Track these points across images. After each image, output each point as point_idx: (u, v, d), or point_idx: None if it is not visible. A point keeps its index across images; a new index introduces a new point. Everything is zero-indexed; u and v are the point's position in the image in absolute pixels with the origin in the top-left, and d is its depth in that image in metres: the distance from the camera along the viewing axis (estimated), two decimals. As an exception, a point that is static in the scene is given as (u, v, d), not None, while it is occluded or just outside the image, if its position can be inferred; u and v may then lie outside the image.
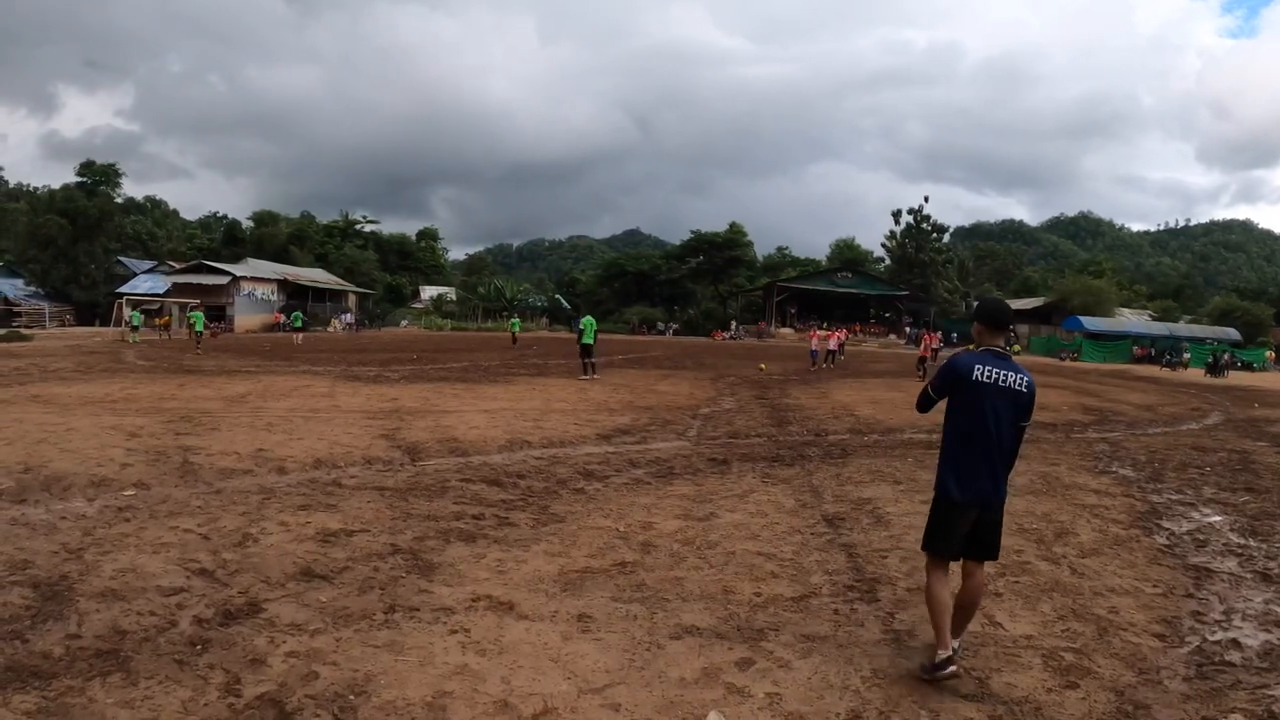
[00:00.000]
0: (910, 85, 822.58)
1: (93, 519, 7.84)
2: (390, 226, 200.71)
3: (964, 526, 5.05)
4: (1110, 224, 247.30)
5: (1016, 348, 71.60)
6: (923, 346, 41.39)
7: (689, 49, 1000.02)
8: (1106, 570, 7.23)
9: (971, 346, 5.30)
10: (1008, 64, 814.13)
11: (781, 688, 4.69)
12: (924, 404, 5.46)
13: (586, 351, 26.37)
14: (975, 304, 5.74)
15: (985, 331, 5.27)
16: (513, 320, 57.35)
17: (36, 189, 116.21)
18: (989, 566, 5.65)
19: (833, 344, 38.66)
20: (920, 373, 39.34)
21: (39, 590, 5.92)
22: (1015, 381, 5.03)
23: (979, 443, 5.01)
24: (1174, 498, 10.53)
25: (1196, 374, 48.08)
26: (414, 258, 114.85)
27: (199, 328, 38.89)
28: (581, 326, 27.77)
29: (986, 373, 5.01)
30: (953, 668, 4.75)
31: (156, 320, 57.31)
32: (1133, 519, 9.26)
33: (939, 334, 46.71)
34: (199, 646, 5.03)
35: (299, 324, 52.71)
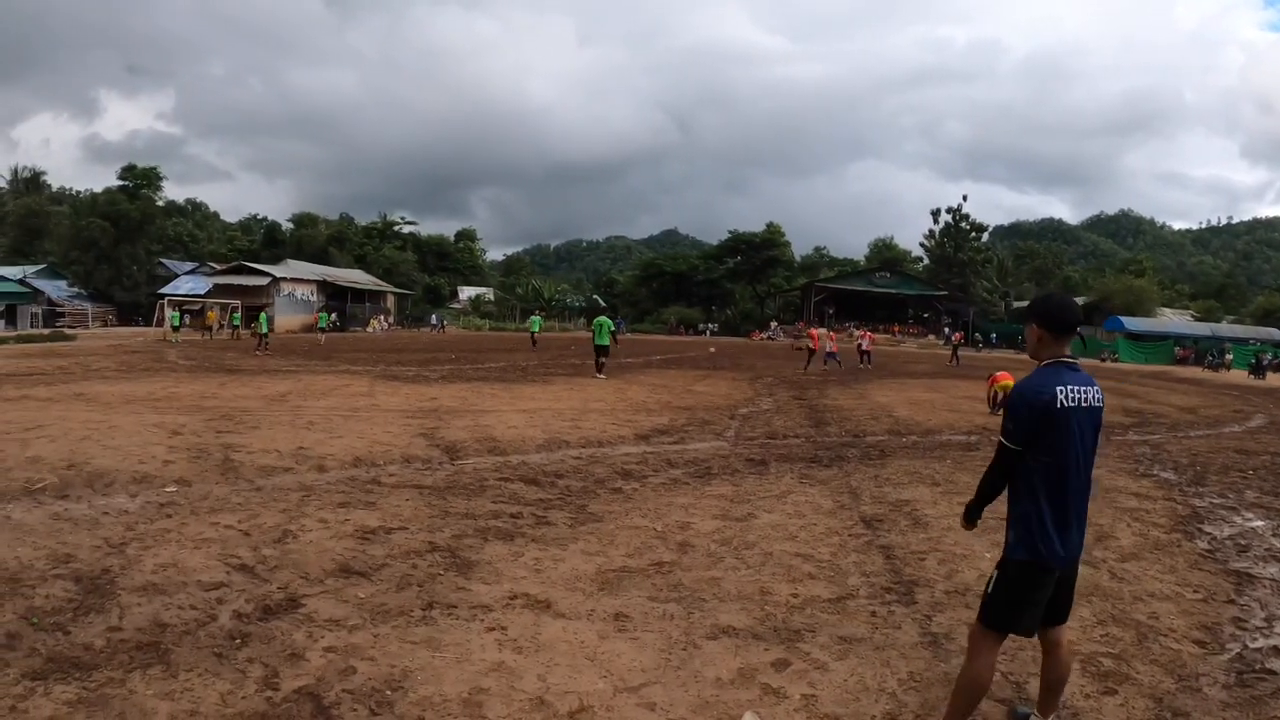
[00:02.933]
0: (950, 83, 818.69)
1: (135, 514, 7.93)
2: (429, 227, 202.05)
3: (1046, 596, 4.10)
4: (1151, 222, 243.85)
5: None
6: (956, 338, 42.57)
7: (728, 48, 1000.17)
8: (1147, 575, 7.14)
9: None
10: (1048, 60, 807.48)
11: (817, 689, 4.66)
12: (1001, 467, 4.18)
13: (602, 351, 26.43)
14: (1037, 301, 4.36)
15: (1049, 338, 4.15)
16: (532, 318, 56.83)
17: (79, 192, 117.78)
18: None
19: (865, 343, 38.51)
20: (954, 363, 39.36)
21: (81, 583, 6.01)
22: (1094, 398, 4.09)
23: (1072, 485, 4.02)
24: (1216, 502, 10.36)
25: (1239, 375, 47.42)
26: (452, 258, 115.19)
27: (263, 329, 38.83)
28: (593, 327, 27.83)
29: (1070, 395, 3.98)
30: None
31: (201, 320, 57.66)
32: (1174, 523, 9.12)
33: (961, 334, 47.26)
34: (238, 641, 5.08)
35: (322, 324, 53.02)
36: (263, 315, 39.91)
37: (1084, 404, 4.00)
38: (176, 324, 48.53)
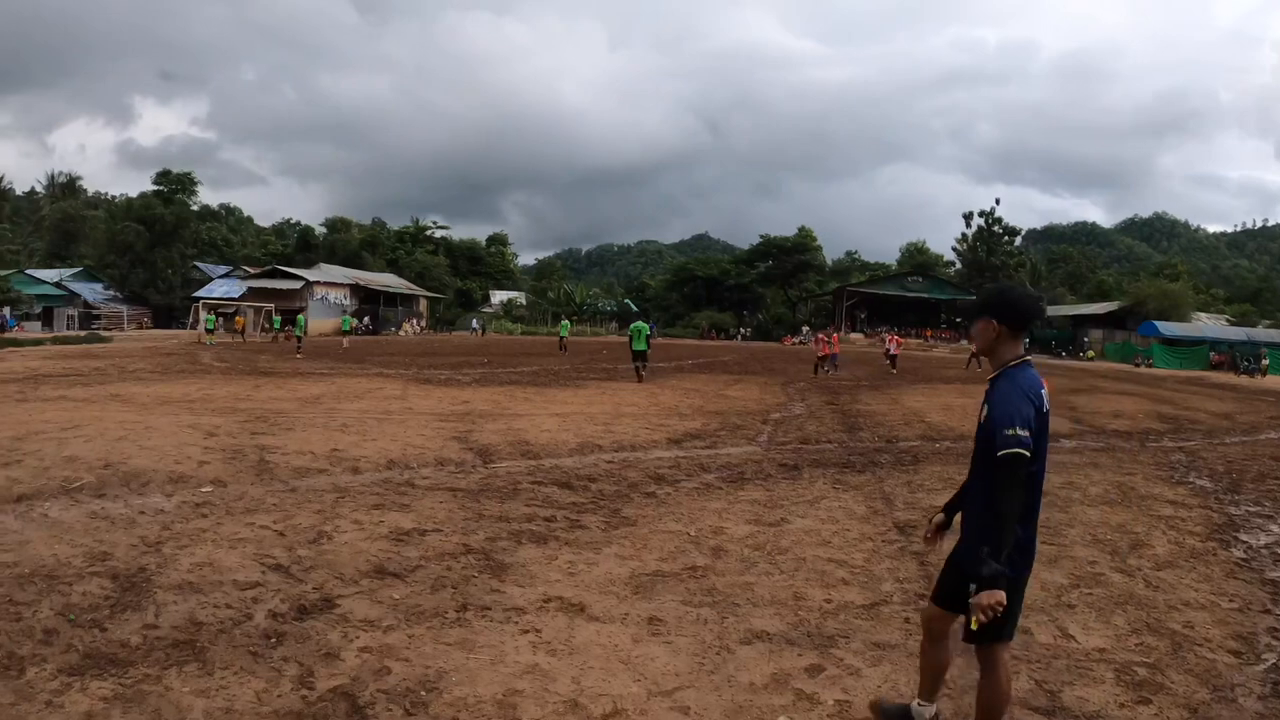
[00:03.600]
0: (982, 85, 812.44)
1: (171, 514, 7.98)
2: (462, 231, 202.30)
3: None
4: (1186, 225, 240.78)
5: (1091, 354, 70.23)
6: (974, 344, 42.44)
7: (759, 51, 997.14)
8: (1182, 583, 7.04)
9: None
10: (1081, 61, 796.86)
11: (851, 695, 4.63)
12: (1018, 483, 3.61)
13: (639, 356, 26.45)
14: (994, 294, 4.04)
15: (1008, 334, 3.87)
16: (562, 322, 56.78)
17: (114, 197, 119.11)
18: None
19: (893, 348, 38.43)
20: (974, 366, 39.35)
21: (118, 581, 6.05)
22: (1046, 399, 3.86)
23: (1038, 492, 3.85)
24: (1252, 510, 10.23)
25: (1276, 381, 46.89)
26: (484, 263, 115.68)
27: (298, 331, 39.00)
28: (630, 331, 27.72)
29: (1042, 401, 3.79)
30: None
31: (235, 321, 58.00)
32: (1209, 531, 9.00)
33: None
34: (273, 640, 5.10)
35: (345, 327, 53.15)
36: (300, 318, 40.08)
37: (1046, 406, 3.83)
38: (210, 326, 48.73)
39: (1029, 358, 3.89)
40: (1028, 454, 3.57)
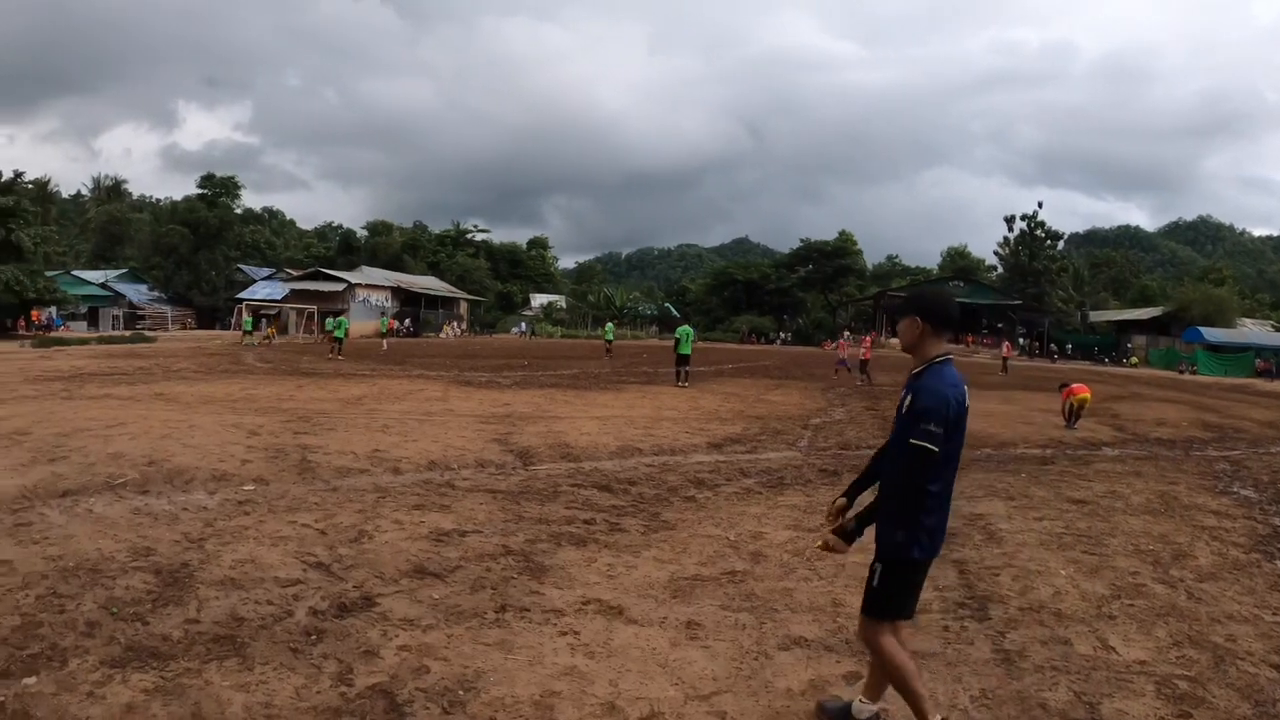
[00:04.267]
0: (1023, 86, 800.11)
1: (213, 511, 8.06)
2: (502, 235, 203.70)
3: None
4: (1231, 228, 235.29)
5: (1134, 360, 69.41)
6: (1005, 349, 43.20)
7: (799, 55, 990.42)
8: (1225, 595, 6.91)
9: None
10: (1123, 62, 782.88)
11: (888, 703, 4.58)
12: (924, 474, 3.90)
13: (683, 360, 26.40)
14: (918, 294, 4.30)
15: (930, 332, 4.13)
16: (607, 326, 56.57)
17: (159, 200, 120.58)
18: None
19: None
20: (1004, 373, 39.36)
21: (160, 576, 6.12)
22: (966, 394, 4.10)
23: (951, 481, 4.10)
24: (1299, 521, 10.07)
25: (1325, 390, 46.18)
26: (524, 266, 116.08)
27: (339, 334, 38.37)
28: (677, 336, 27.65)
29: (964, 396, 4.05)
30: None
31: (269, 328, 58.25)
32: (1254, 542, 8.83)
33: (1010, 344, 47.58)
34: (314, 636, 5.13)
35: (381, 327, 53.20)
36: (342, 320, 40.10)
37: (966, 402, 4.05)
38: (249, 328, 49.00)
39: (950, 356, 4.12)
40: (935, 450, 3.83)
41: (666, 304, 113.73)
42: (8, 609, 5.41)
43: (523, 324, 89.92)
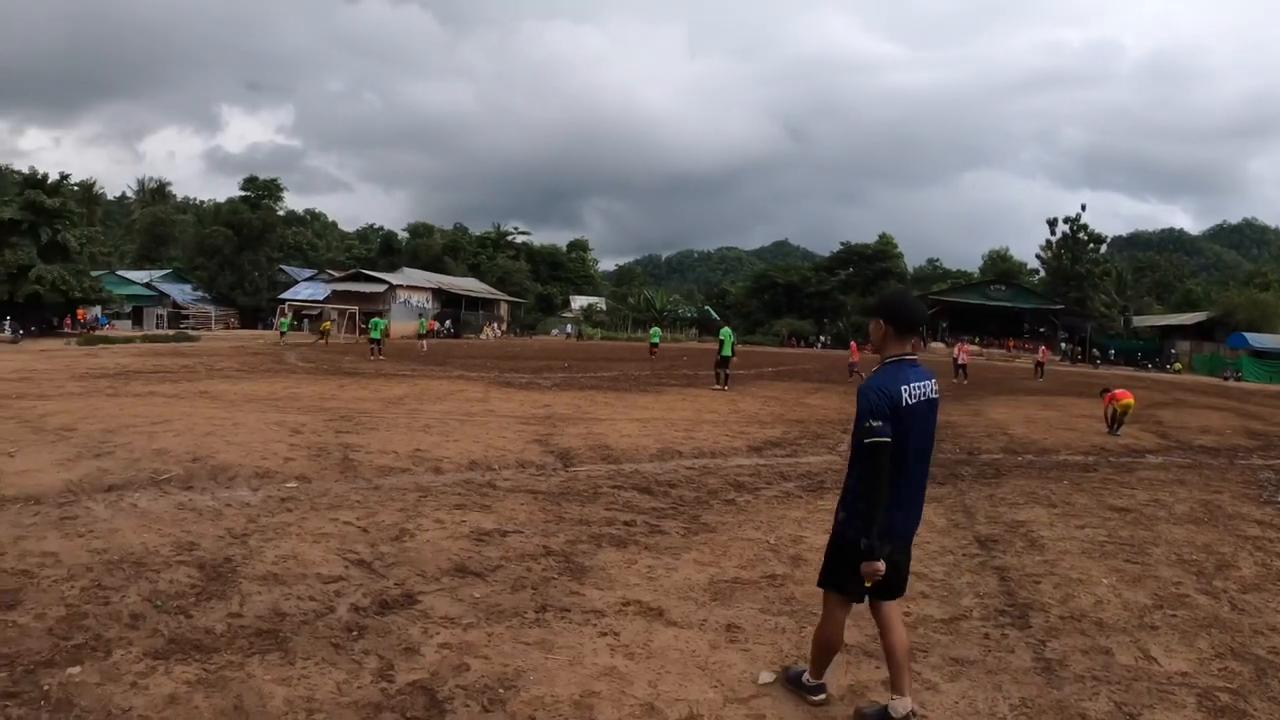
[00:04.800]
0: (1067, 87, 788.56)
1: (256, 507, 8.13)
2: (543, 237, 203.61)
3: (889, 566, 4.23)
4: (1277, 232, 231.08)
5: (1178, 366, 68.51)
6: (1042, 354, 46.48)
7: (841, 56, 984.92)
8: (1268, 607, 6.78)
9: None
10: (1169, 61, 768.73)
11: (928, 710, 4.54)
12: (879, 468, 4.15)
13: (724, 363, 26.27)
14: (883, 298, 4.68)
15: (893, 334, 4.42)
16: (653, 329, 56.45)
17: (203, 202, 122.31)
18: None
19: (962, 357, 37.93)
20: (1040, 377, 39.08)
21: (204, 570, 6.19)
22: (931, 390, 4.38)
23: (910, 474, 4.32)
24: (1348, 531, 9.88)
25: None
26: (564, 268, 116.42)
27: (375, 335, 38.33)
28: (720, 338, 27.51)
29: (913, 392, 4.25)
30: (823, 695, 4.56)
31: (318, 327, 58.61)
32: (1300, 553, 8.71)
33: (1046, 348, 47.67)
34: (355, 633, 5.16)
35: (420, 328, 53.33)
36: (378, 321, 40.18)
37: (924, 398, 4.29)
38: (285, 329, 49.17)
39: (911, 355, 4.39)
40: (886, 440, 4.11)
41: (706, 306, 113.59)
42: (53, 600, 5.48)
43: (568, 326, 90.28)
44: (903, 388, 4.19)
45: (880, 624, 4.53)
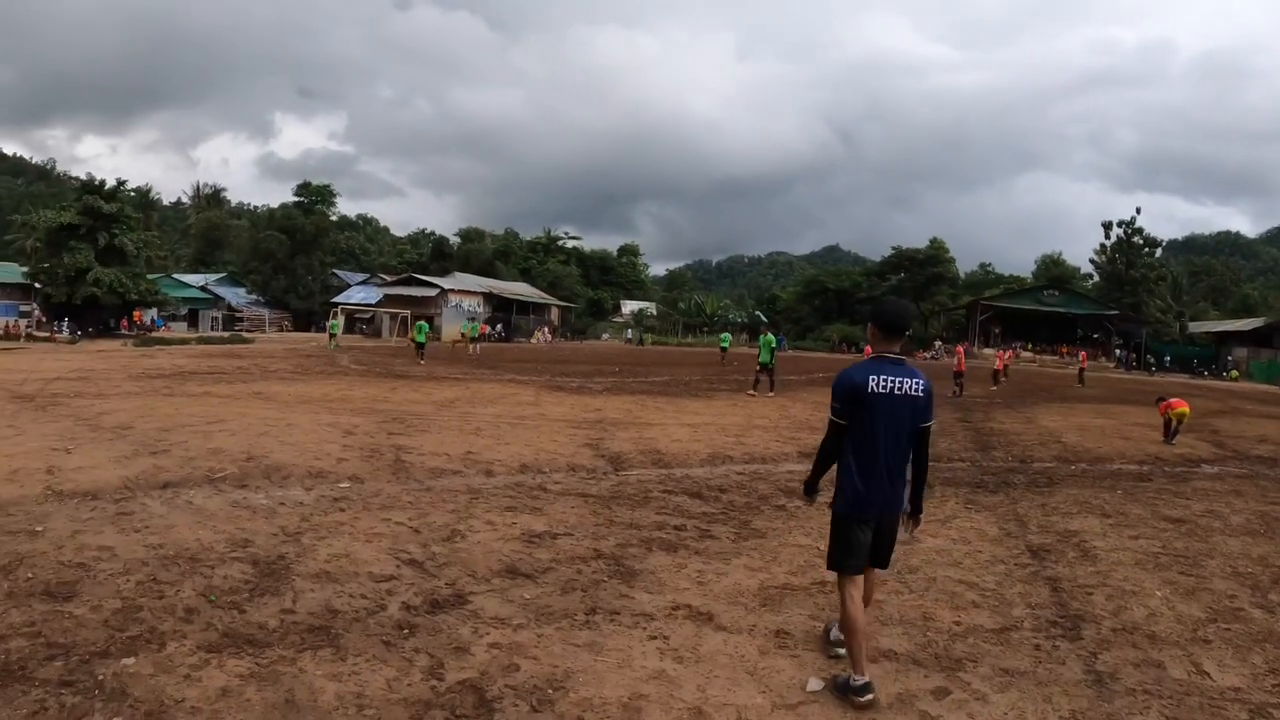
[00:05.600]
0: (1120, 87, 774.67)
1: (309, 506, 8.23)
2: (594, 242, 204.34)
3: (866, 540, 4.99)
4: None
5: (1235, 373, 67.26)
6: (1082, 360, 46.83)
7: (891, 58, 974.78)
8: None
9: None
10: (1223, 59, 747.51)
11: (975, 720, 4.49)
12: (830, 440, 5.09)
13: (764, 368, 25.93)
14: (875, 305, 5.40)
15: (879, 336, 5.10)
16: (723, 335, 55.95)
17: (256, 207, 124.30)
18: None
19: (997, 363, 37.64)
20: (1080, 383, 38.75)
21: (258, 567, 6.28)
22: (911, 387, 4.90)
23: (880, 452, 4.90)
24: None
25: None
26: (615, 273, 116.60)
27: (419, 338, 37.73)
28: (759, 345, 27.18)
29: (881, 383, 4.86)
30: (870, 695, 4.67)
31: (462, 332, 58.01)
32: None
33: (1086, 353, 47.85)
34: (406, 631, 5.21)
35: (472, 332, 53.15)
36: (422, 324, 40.06)
37: (896, 391, 4.86)
38: (335, 331, 49.43)
39: (895, 355, 5.01)
40: (840, 421, 4.96)
41: (756, 311, 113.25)
42: (109, 593, 5.59)
43: (629, 331, 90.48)
44: (870, 377, 4.84)
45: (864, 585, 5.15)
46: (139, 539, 6.87)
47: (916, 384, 4.91)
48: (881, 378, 4.85)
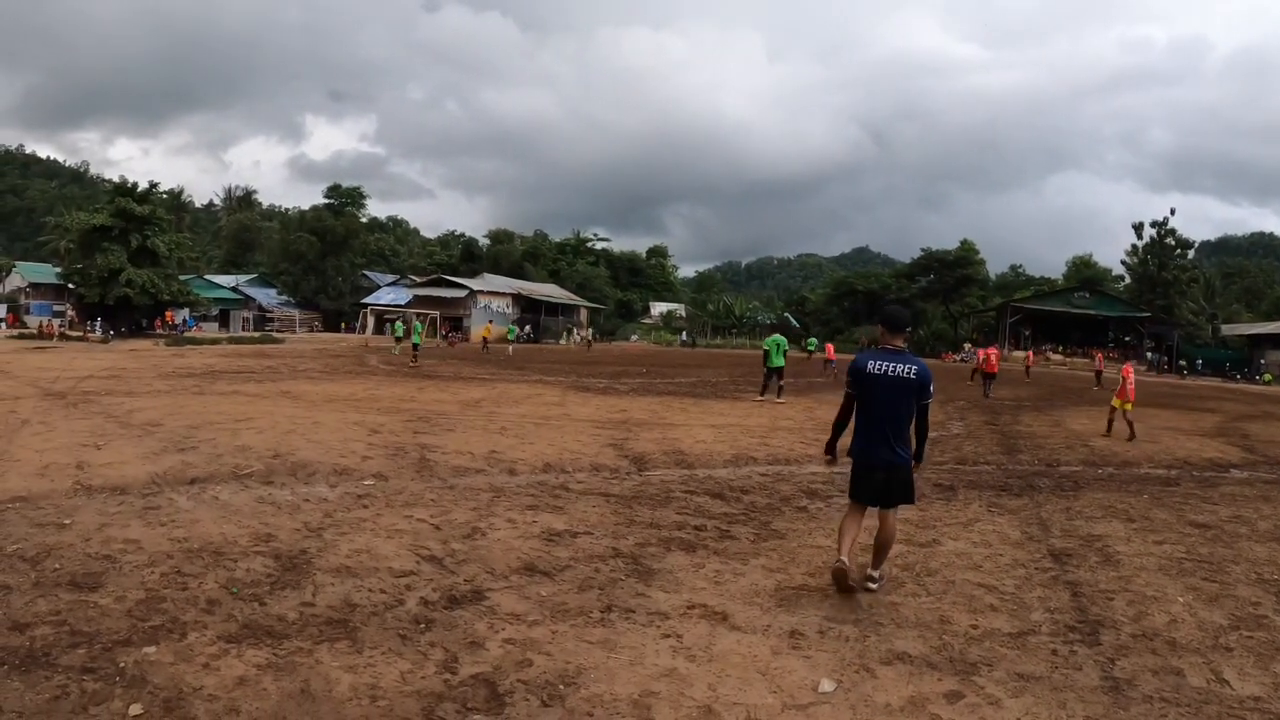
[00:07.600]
0: (1153, 86, 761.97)
1: (333, 503, 8.31)
2: (623, 244, 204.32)
3: (874, 483, 6.52)
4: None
5: (1268, 377, 66.48)
6: (1098, 361, 47.73)
7: (921, 58, 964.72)
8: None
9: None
10: (1259, 57, 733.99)
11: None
12: (844, 408, 6.72)
13: (777, 373, 24.42)
14: (880, 307, 6.80)
15: (884, 332, 6.60)
16: (809, 339, 53.10)
17: (287, 209, 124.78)
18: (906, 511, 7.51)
19: (1025, 364, 37.56)
20: (1097, 386, 38.75)
21: (280, 561, 6.36)
22: (904, 371, 6.37)
23: (877, 421, 6.46)
24: None
25: None
26: (644, 274, 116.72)
27: (415, 339, 36.74)
28: (766, 347, 25.35)
29: (878, 367, 6.40)
30: (838, 566, 6.39)
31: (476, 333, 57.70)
32: None
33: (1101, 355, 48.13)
34: (422, 625, 5.26)
35: (512, 334, 52.97)
36: (417, 325, 39.47)
37: (890, 373, 6.37)
38: (399, 334, 45.58)
39: (893, 347, 6.52)
40: (850, 393, 6.63)
41: (785, 313, 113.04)
42: (133, 583, 5.69)
43: (684, 334, 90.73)
44: (870, 362, 6.44)
45: (880, 522, 6.68)
46: (164, 532, 6.97)
47: (909, 369, 6.37)
48: (879, 363, 6.40)
